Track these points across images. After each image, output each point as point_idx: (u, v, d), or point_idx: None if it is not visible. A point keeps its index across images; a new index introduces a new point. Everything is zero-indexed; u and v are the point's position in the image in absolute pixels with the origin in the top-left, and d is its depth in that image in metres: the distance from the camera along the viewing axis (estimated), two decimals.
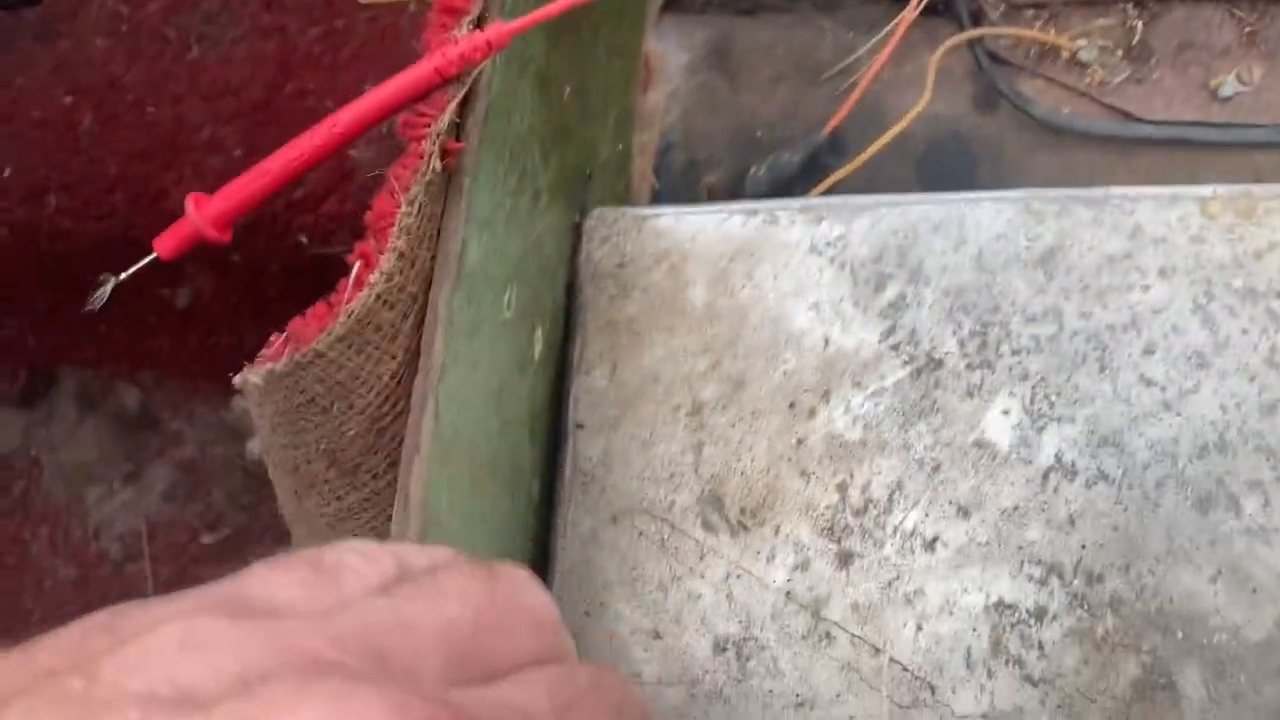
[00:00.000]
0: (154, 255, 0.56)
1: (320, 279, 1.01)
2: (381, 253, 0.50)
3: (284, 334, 0.51)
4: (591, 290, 0.69)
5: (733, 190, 0.94)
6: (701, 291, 0.68)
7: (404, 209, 0.50)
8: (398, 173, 0.52)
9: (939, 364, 0.64)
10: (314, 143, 0.53)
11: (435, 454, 0.50)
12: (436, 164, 0.52)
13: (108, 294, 0.57)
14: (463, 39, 0.52)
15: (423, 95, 0.53)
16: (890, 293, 0.66)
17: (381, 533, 0.57)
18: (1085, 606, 0.58)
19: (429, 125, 0.52)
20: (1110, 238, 0.65)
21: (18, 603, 1.20)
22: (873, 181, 0.85)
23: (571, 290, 0.70)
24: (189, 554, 1.20)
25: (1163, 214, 0.65)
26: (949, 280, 0.65)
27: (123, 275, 0.57)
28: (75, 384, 1.24)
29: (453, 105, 0.53)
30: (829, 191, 0.81)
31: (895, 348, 0.64)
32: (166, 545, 1.20)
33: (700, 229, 0.70)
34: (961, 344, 0.64)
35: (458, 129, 0.54)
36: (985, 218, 0.66)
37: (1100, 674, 0.57)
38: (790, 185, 0.90)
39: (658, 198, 0.91)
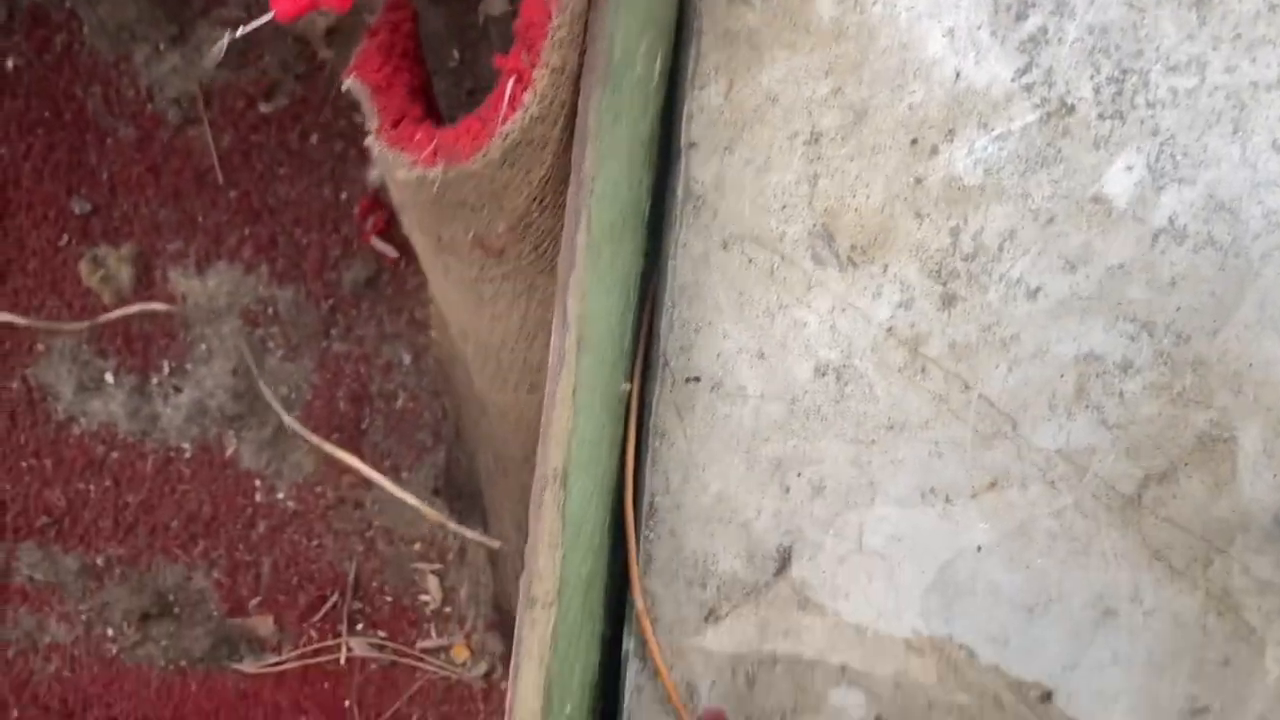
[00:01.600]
0: (270, 15, 0.53)
1: None
2: (533, 66, 0.48)
3: (431, 142, 0.50)
4: None
5: None
6: (829, 4, 0.64)
7: (557, 20, 0.47)
8: None
9: (1070, 110, 0.62)
10: None
11: (589, 263, 0.51)
12: None
13: (224, 50, 0.55)
14: None
15: None
16: (1032, 24, 0.62)
17: (522, 295, 0.59)
18: (1168, 364, 0.63)
19: None
20: None
21: (83, 159, 1.22)
22: None
23: None
24: (247, 122, 1.19)
25: None
26: (1095, 15, 0.62)
27: (238, 32, 0.54)
28: None
29: None
30: None
31: (1028, 88, 0.63)
32: (223, 111, 1.19)
33: None
34: (1097, 90, 0.62)
35: None
36: None
37: (1170, 425, 0.63)
38: None
39: None
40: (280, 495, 1.25)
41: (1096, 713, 0.65)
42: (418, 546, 1.25)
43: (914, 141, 0.64)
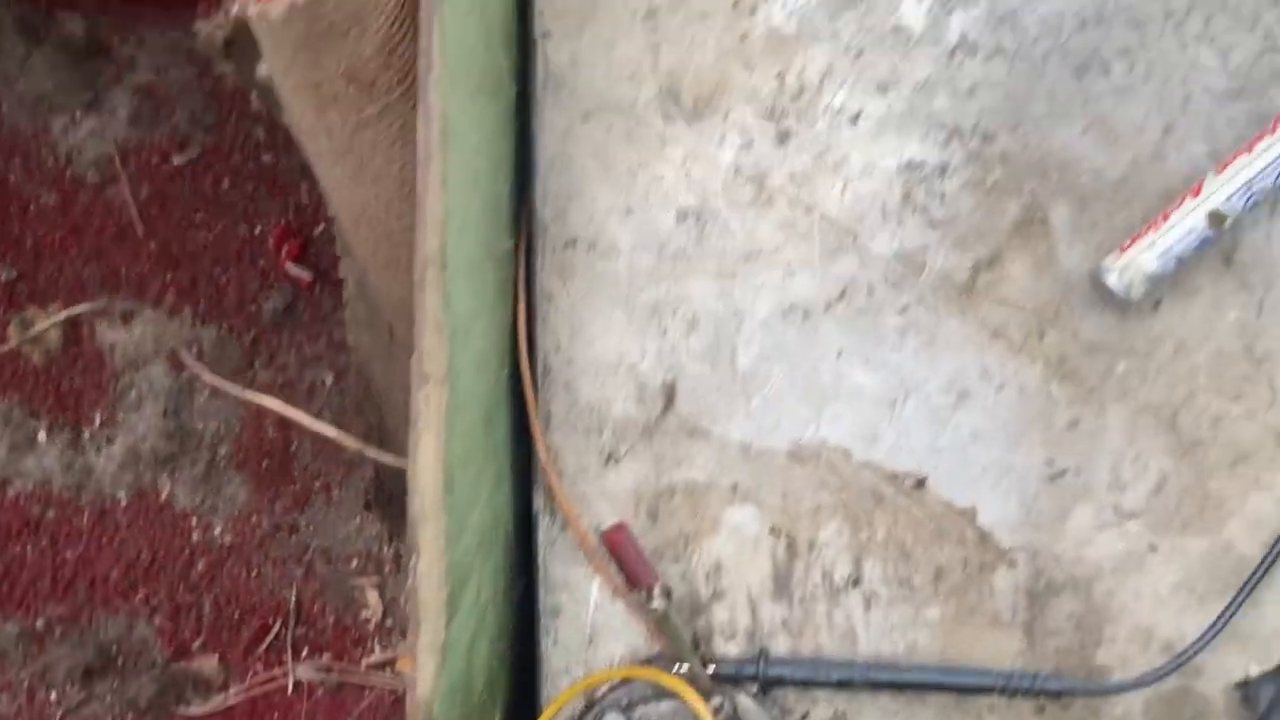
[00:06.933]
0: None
1: None
2: None
3: None
4: None
5: None
6: None
7: None
8: None
9: None
10: None
11: (445, 72, 0.59)
12: None
13: None
14: None
15: None
16: None
17: (397, 140, 0.67)
18: (979, 161, 0.71)
19: None
20: None
21: (8, 230, 1.29)
22: None
23: None
24: (163, 175, 1.27)
25: None
26: None
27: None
28: (14, 17, 1.25)
29: None
30: None
31: None
32: (139, 168, 1.27)
33: None
34: None
35: None
36: None
37: (988, 214, 0.71)
38: None
39: None
40: (217, 531, 1.28)
41: (966, 489, 0.71)
42: (355, 563, 1.27)
43: (735, 4, 0.73)
